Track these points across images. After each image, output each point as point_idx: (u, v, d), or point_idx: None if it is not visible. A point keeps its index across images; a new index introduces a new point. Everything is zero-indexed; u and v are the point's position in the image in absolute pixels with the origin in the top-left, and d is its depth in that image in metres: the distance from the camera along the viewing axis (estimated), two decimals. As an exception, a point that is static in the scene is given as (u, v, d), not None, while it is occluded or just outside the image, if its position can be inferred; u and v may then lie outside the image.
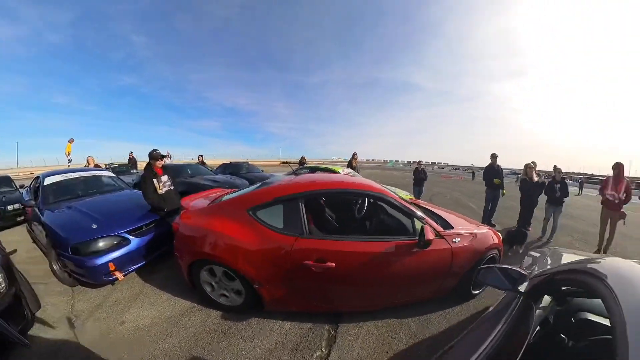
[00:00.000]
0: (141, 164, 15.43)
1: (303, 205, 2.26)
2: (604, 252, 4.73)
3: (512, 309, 1.21)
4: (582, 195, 16.79)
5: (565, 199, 5.45)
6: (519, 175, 5.66)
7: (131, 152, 13.33)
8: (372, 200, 3.24)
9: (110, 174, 5.12)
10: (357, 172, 8.05)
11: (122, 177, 7.76)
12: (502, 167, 6.24)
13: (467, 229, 2.76)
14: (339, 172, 6.46)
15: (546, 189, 5.46)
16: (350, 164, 8.28)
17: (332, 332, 2.29)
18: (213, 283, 2.47)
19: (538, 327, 1.24)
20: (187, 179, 6.47)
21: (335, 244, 2.14)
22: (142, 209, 3.51)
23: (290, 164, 9.42)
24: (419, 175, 7.89)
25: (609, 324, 0.63)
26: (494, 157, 6.13)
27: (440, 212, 3.31)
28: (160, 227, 3.35)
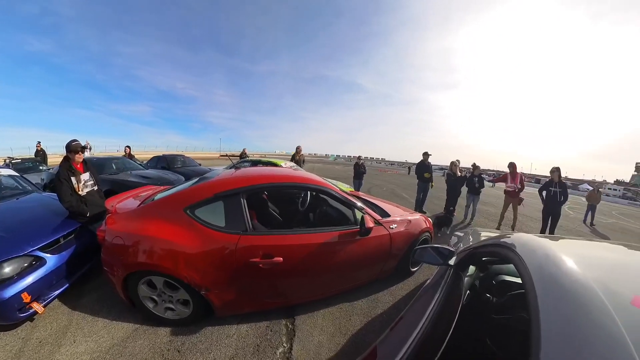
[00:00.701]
0: (52, 158, 12.71)
1: (245, 201, 2.14)
2: (512, 229, 6.15)
3: (446, 279, 1.43)
4: (494, 187, 19.44)
5: (482, 190, 6.81)
6: (446, 171, 6.74)
7: (39, 143, 11.10)
8: (314, 193, 3.26)
9: (11, 172, 3.96)
10: (302, 166, 8.07)
11: (27, 175, 6.38)
12: (431, 164, 7.11)
13: (402, 216, 3.06)
14: (281, 166, 6.40)
15: (467, 181, 6.79)
16: (293, 158, 8.24)
17: (290, 326, 2.27)
18: (155, 297, 2.15)
19: (468, 291, 1.52)
20: (112, 176, 5.57)
21: (280, 238, 2.10)
22: (58, 217, 2.80)
23: (231, 157, 8.71)
24: (359, 169, 8.26)
25: (520, 282, 0.80)
26: (425, 155, 7.00)
27: (378, 202, 3.55)
28: (82, 238, 2.73)
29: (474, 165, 6.96)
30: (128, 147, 9.03)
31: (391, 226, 2.73)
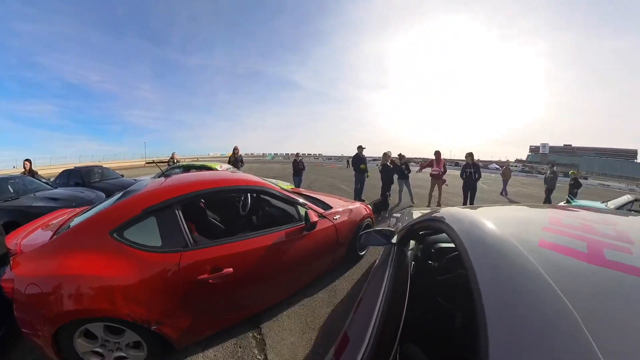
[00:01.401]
0: None
1: (180, 213, 1.90)
2: (438, 205, 7.25)
3: (392, 256, 1.56)
4: (421, 172, 21.47)
5: (409, 175, 7.89)
6: (379, 162, 7.43)
7: None
8: (255, 195, 3.17)
9: None
10: (240, 167, 7.77)
11: None
12: (366, 156, 7.66)
13: (344, 207, 3.21)
14: (217, 169, 6.06)
15: (396, 169, 7.66)
16: (231, 160, 7.90)
17: (259, 336, 2.16)
18: (98, 349, 1.69)
19: (413, 262, 1.70)
20: (10, 203, 4.15)
21: (226, 247, 1.94)
22: None
23: (158, 164, 7.64)
24: (298, 166, 8.30)
25: (454, 246, 0.94)
26: (360, 148, 7.51)
27: (320, 196, 3.64)
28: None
29: (400, 155, 7.95)
30: (28, 160, 6.21)
31: (335, 217, 2.83)
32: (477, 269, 0.69)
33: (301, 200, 2.64)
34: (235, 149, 7.98)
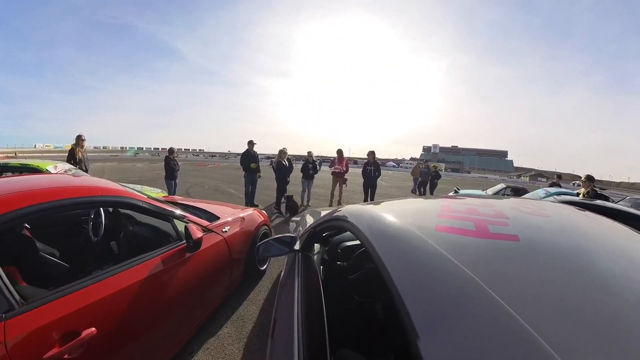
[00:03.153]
0: None
1: None
2: (339, 204, 7.95)
3: (298, 264, 1.64)
4: (321, 170, 22.94)
5: (315, 175, 8.51)
6: (273, 159, 7.65)
7: None
8: (112, 210, 2.73)
9: None
10: (86, 168, 6.35)
11: None
12: (257, 153, 7.76)
13: (233, 216, 3.15)
14: (48, 172, 4.99)
15: (302, 168, 8.16)
16: (72, 156, 6.10)
17: None
18: None
19: (322, 267, 1.80)
20: None
21: (79, 296, 1.52)
22: None
23: None
24: (171, 166, 7.63)
25: (359, 242, 1.10)
26: (250, 143, 7.59)
27: (202, 204, 3.43)
28: None
29: (308, 153, 8.53)
30: None
31: (223, 229, 2.77)
32: (384, 259, 0.83)
33: (178, 211, 2.42)
34: (80, 139, 6.18)
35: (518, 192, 9.67)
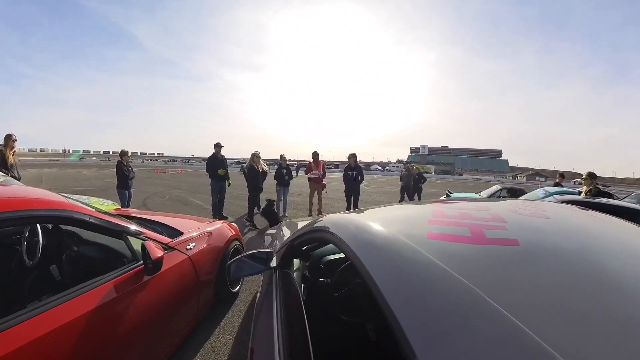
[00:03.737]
0: None
1: None
2: (319, 213, 8.13)
3: (275, 284, 1.64)
4: (298, 176, 22.97)
5: (291, 181, 8.49)
6: (244, 164, 7.59)
7: None
8: (52, 227, 2.56)
9: None
10: (19, 176, 5.95)
11: None
12: (226, 157, 7.69)
13: (199, 230, 3.13)
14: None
15: (276, 174, 8.13)
16: (1, 160, 5.74)
17: None
18: None
19: (302, 285, 1.80)
20: None
21: (9, 335, 1.36)
22: None
23: None
24: (124, 173, 7.38)
25: (343, 255, 1.09)
26: (217, 146, 7.52)
27: (163, 218, 3.36)
28: None
29: (281, 156, 8.52)
30: None
31: (188, 247, 2.74)
32: (373, 273, 0.83)
33: (134, 227, 2.33)
34: (10, 139, 5.71)
35: (515, 193, 10.15)
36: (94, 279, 1.88)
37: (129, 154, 7.63)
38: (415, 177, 11.49)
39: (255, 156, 7.54)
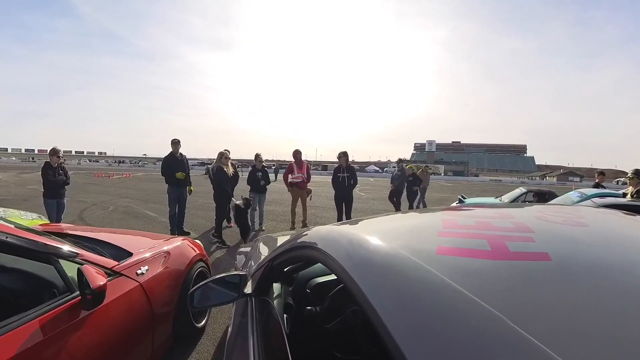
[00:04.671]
0: None
1: None
2: (304, 225, 8.16)
3: (251, 314, 1.64)
4: (277, 180, 23.00)
5: (268, 187, 8.43)
6: (209, 166, 7.50)
7: None
8: None
9: None
10: None
11: None
12: (187, 157, 7.70)
13: (154, 249, 3.12)
14: None
15: (249, 178, 8.17)
16: None
17: None
18: None
19: (285, 315, 1.80)
20: None
21: None
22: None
23: None
24: (54, 178, 7.20)
25: (335, 277, 1.08)
26: (175, 144, 7.52)
27: (106, 235, 3.34)
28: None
29: (257, 156, 8.47)
30: None
31: (138, 271, 2.72)
32: (372, 298, 0.80)
33: (67, 247, 2.31)
34: None
35: (543, 197, 10.29)
36: (13, 318, 1.83)
37: (61, 154, 7.43)
38: (408, 178, 11.34)
39: (223, 156, 7.48)
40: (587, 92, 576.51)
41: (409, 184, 11.21)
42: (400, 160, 11.61)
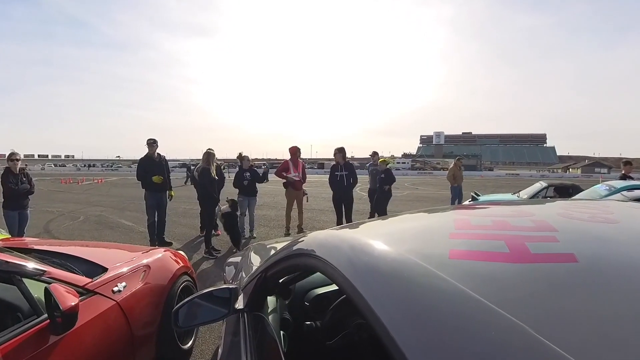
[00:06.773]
0: None
1: None
2: (300, 231, 8.06)
3: (244, 331, 1.65)
4: (269, 181, 23.16)
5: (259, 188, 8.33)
6: (193, 166, 7.52)
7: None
8: None
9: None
10: None
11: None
12: (166, 158, 7.68)
13: (131, 263, 3.13)
14: None
15: (235, 179, 8.15)
16: None
17: None
18: None
19: (282, 332, 1.79)
20: None
21: None
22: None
23: None
24: (15, 186, 7.16)
25: (336, 287, 1.09)
26: (151, 144, 7.48)
27: (76, 249, 3.34)
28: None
29: (240, 155, 8.44)
30: None
31: (115, 288, 2.71)
32: (378, 309, 0.79)
33: (32, 264, 2.31)
34: None
35: (567, 191, 10.27)
36: None
37: (19, 157, 7.37)
38: (380, 175, 9.51)
39: (210, 156, 7.43)
40: (614, 72, 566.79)
41: (380, 182, 9.39)
42: (374, 154, 10.22)
